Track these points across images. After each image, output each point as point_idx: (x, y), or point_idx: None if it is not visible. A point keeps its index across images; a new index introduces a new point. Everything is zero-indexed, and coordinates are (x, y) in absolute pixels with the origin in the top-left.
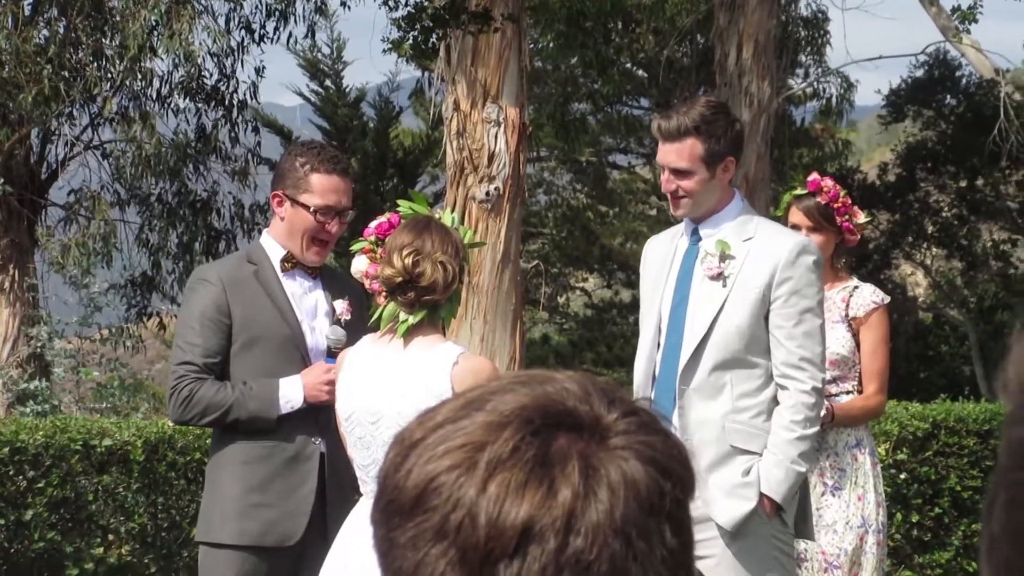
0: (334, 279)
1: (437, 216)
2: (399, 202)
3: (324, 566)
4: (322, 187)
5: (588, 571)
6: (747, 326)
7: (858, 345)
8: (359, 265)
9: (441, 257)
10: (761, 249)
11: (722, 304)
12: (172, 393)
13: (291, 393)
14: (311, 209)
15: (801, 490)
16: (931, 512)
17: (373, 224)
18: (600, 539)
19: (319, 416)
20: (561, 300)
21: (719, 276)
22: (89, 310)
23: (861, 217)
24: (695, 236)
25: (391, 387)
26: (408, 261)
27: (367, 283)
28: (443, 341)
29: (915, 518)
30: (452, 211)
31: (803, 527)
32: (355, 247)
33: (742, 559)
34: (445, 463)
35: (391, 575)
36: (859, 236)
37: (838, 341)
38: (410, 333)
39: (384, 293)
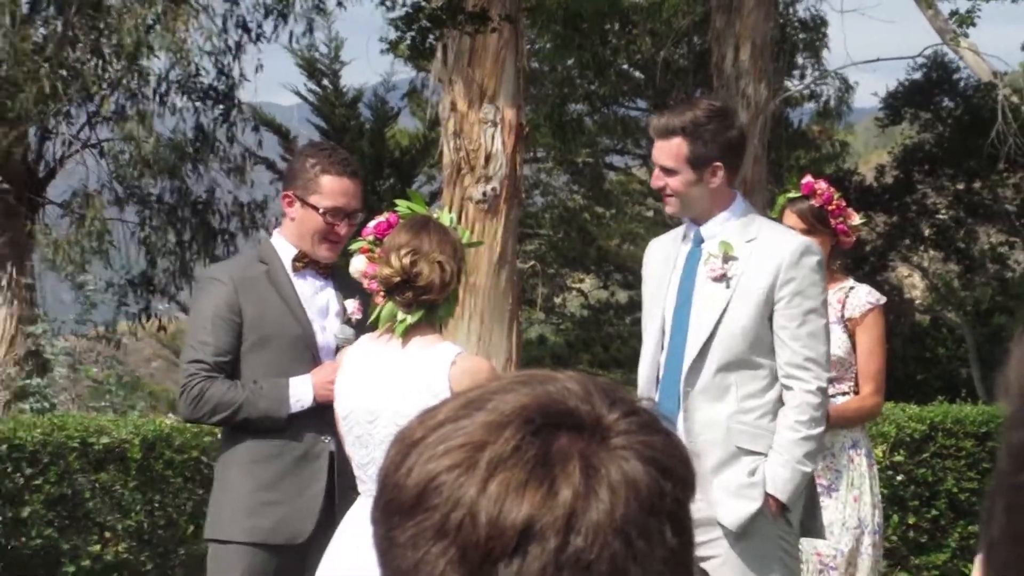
0: (346, 278)
1: (435, 216)
2: (397, 202)
3: (321, 564)
4: (331, 189)
5: (588, 571)
6: (751, 327)
7: (854, 346)
8: (357, 264)
9: (439, 257)
10: (764, 250)
11: (726, 306)
12: (183, 391)
13: (301, 392)
14: (320, 210)
15: (809, 489)
16: (928, 514)
17: (372, 224)
18: (600, 539)
19: (329, 415)
20: (558, 301)
21: (722, 277)
22: (85, 307)
23: (856, 219)
24: (697, 238)
25: (389, 386)
26: (406, 261)
27: (365, 282)
28: (441, 341)
29: (912, 520)
30: (450, 211)
31: (813, 525)
32: (353, 246)
33: (747, 559)
34: (445, 462)
35: (391, 574)
36: (854, 238)
37: (834, 342)
38: (408, 333)
39: (382, 293)
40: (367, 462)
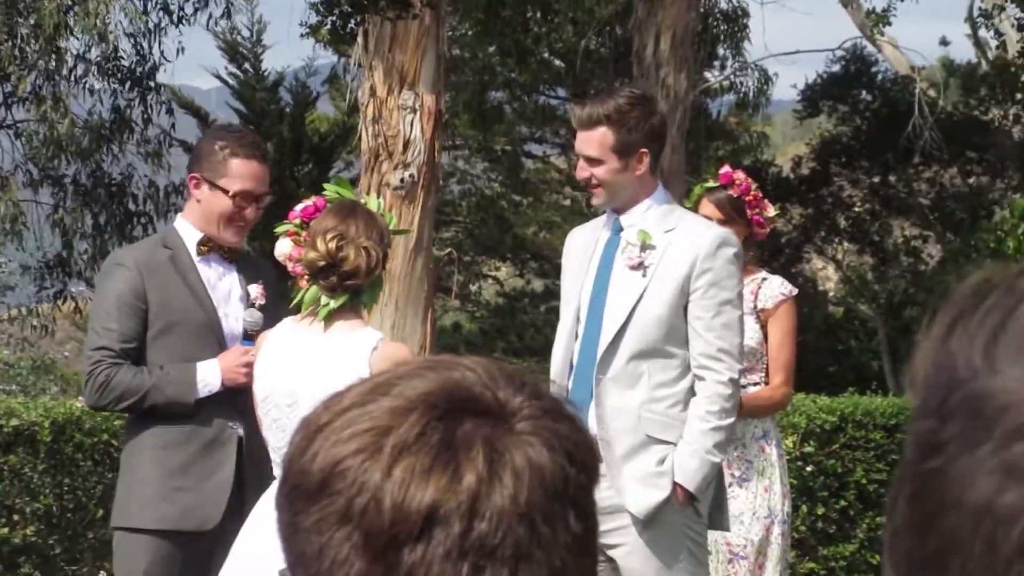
0: (248, 264)
1: (363, 201)
2: (325, 186)
3: (234, 547)
4: (241, 172)
5: (492, 556)
6: (666, 316)
7: (767, 337)
8: (283, 248)
9: (365, 242)
10: (682, 240)
11: (641, 294)
12: (88, 379)
13: (209, 376)
14: (229, 193)
15: (716, 481)
16: (836, 505)
17: (299, 207)
18: (504, 524)
19: (237, 400)
20: (473, 288)
21: (639, 266)
22: None
23: (771, 211)
24: (617, 226)
25: (309, 370)
26: (332, 245)
27: (290, 266)
28: (364, 326)
29: (820, 510)
30: (377, 196)
31: (718, 517)
32: (279, 229)
33: (654, 548)
34: (351, 447)
35: (295, 559)
36: (768, 229)
37: (747, 333)
38: (331, 317)
39: (307, 276)
40: (283, 446)
